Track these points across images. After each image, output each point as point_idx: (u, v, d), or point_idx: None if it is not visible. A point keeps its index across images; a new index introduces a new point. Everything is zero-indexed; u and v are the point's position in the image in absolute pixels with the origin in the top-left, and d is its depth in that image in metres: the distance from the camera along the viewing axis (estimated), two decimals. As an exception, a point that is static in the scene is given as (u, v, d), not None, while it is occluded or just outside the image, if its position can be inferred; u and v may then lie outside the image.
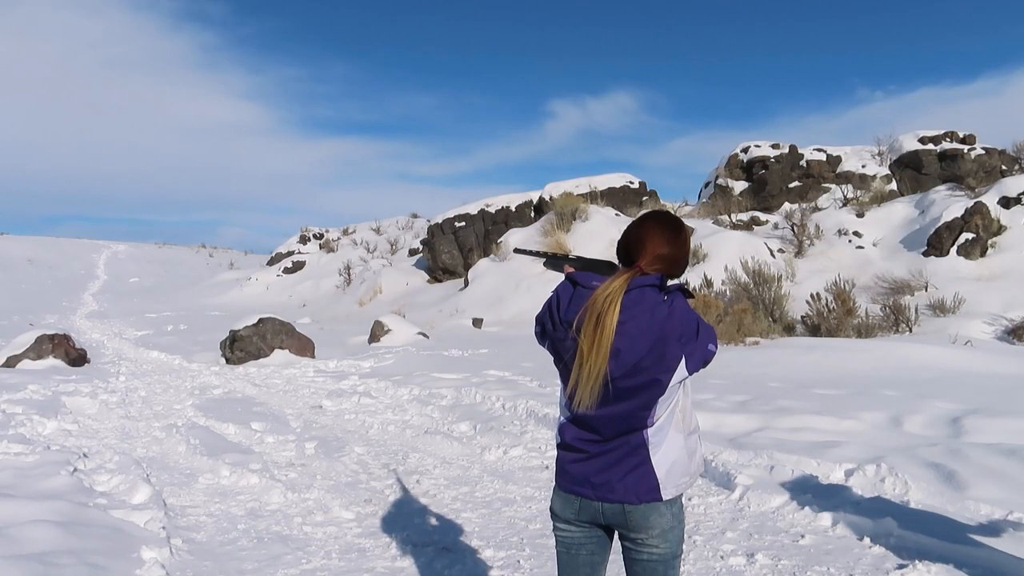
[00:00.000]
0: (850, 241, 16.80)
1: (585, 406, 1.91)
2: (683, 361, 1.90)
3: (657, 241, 1.98)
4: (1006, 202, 15.38)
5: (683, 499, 2.06)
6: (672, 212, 2.11)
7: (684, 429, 2.00)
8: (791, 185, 22.09)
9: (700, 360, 1.95)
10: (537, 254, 2.96)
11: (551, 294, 2.06)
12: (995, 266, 14.07)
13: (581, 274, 2.01)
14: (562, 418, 2.09)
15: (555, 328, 1.98)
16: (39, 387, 8.13)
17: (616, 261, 2.23)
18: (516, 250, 2.77)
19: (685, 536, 3.80)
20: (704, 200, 23.80)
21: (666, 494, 1.97)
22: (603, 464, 1.98)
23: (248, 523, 4.26)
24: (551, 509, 2.14)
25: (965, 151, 20.11)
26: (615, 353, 1.87)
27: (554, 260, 2.81)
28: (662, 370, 1.89)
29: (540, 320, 2.08)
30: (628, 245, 2.04)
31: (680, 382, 1.94)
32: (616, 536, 2.10)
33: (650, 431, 1.94)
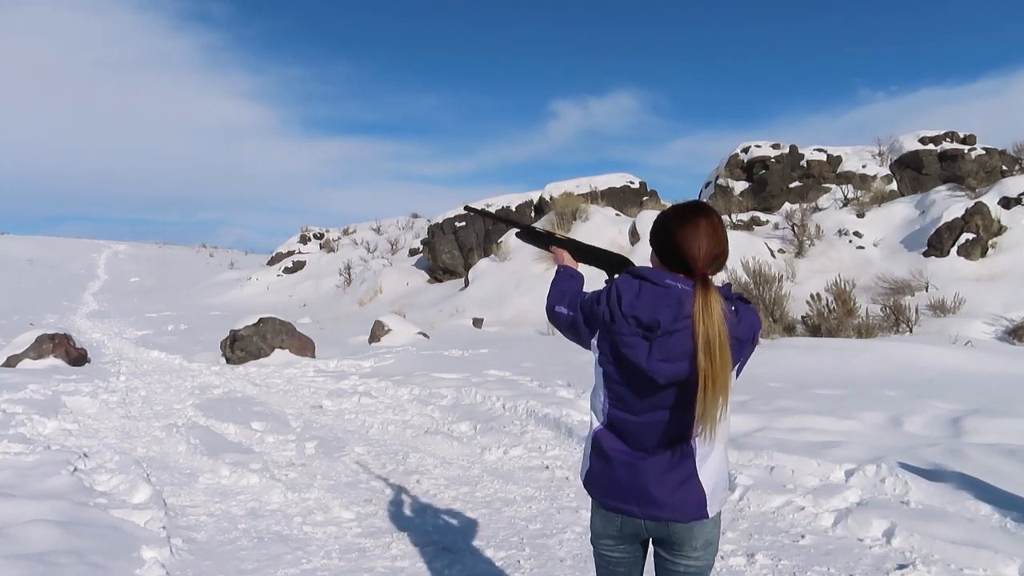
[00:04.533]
0: (850, 241, 16.78)
1: (709, 429, 1.78)
2: (736, 366, 1.83)
3: (713, 241, 1.85)
4: (1006, 202, 15.36)
5: None
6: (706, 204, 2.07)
7: (725, 439, 1.91)
8: (791, 185, 22.08)
9: (744, 365, 1.88)
10: (503, 220, 2.54)
11: (605, 287, 1.93)
12: (995, 266, 14.06)
13: (650, 270, 1.87)
14: (598, 424, 1.95)
15: (614, 320, 1.84)
16: (39, 387, 8.13)
17: (622, 255, 2.18)
18: (467, 207, 2.48)
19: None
20: (704, 200, 23.80)
21: (711, 511, 1.89)
22: (648, 480, 1.88)
23: (248, 523, 4.26)
24: (592, 528, 2.05)
25: (965, 151, 20.10)
26: (681, 356, 1.78)
27: (532, 235, 2.38)
28: None
29: (584, 309, 1.96)
30: (679, 247, 1.86)
31: None
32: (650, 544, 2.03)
33: (697, 440, 1.84)
